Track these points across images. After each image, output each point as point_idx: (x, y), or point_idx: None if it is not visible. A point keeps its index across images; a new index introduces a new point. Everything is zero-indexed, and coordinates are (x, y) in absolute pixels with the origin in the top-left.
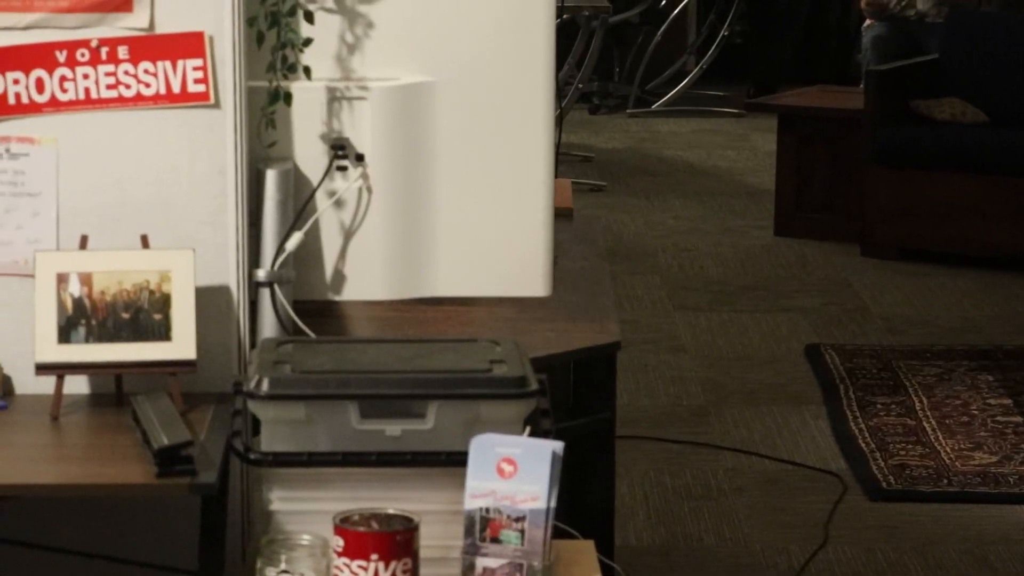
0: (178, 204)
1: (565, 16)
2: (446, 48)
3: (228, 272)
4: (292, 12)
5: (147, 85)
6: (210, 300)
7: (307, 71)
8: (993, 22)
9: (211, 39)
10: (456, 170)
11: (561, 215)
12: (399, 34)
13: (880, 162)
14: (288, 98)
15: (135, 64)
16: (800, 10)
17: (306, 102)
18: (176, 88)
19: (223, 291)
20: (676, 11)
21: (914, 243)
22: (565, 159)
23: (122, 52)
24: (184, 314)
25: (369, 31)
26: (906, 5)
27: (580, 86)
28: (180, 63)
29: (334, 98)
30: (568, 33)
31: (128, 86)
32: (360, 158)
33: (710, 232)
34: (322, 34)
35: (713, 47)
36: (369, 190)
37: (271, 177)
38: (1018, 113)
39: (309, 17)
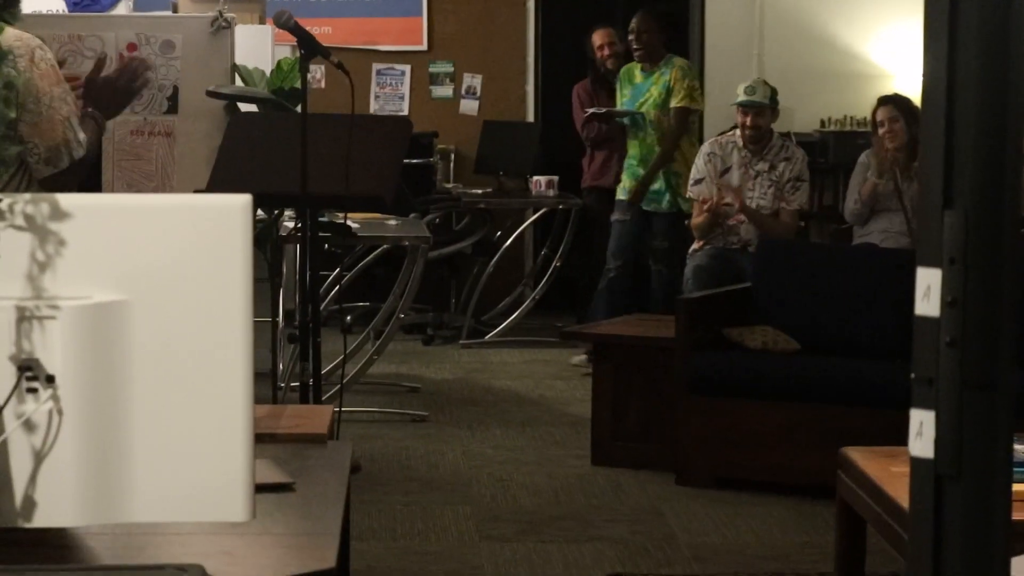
0: None
1: (387, 245)
2: (140, 267)
3: None
4: None
5: None
6: None
7: None
8: (803, 251)
9: None
10: (152, 392)
11: (314, 441)
12: (91, 252)
13: (693, 391)
14: None
15: None
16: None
17: None
18: None
19: None
20: (508, 242)
21: (728, 471)
22: (392, 390)
23: None
24: None
25: (60, 249)
26: (729, 232)
27: (401, 316)
28: None
29: (23, 317)
30: (394, 263)
31: None
32: (50, 379)
33: (527, 462)
34: (10, 252)
35: (545, 278)
36: (60, 412)
37: None
38: (829, 341)
39: None
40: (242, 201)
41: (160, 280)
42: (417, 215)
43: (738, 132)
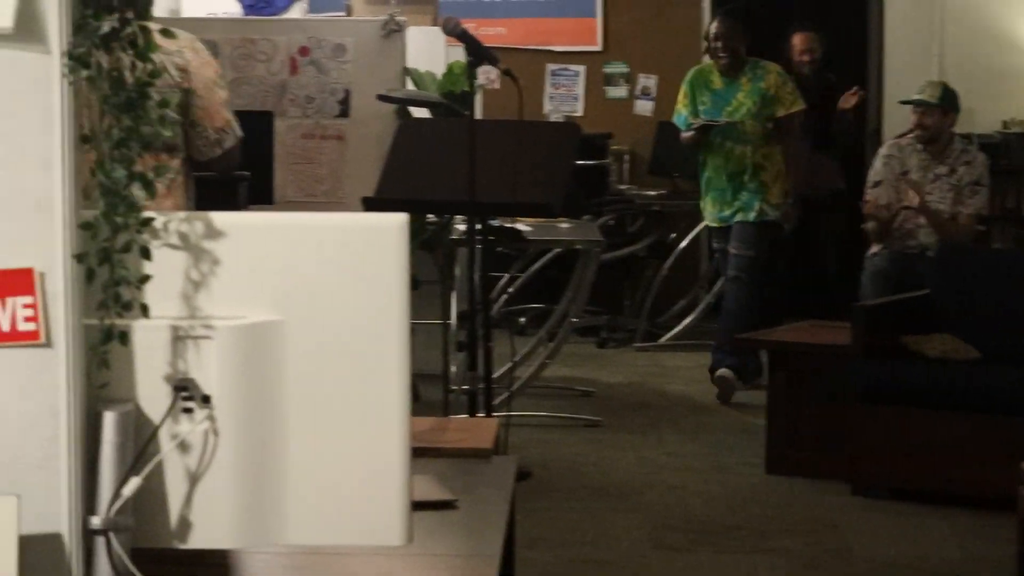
0: (7, 448)
1: (559, 249)
2: (296, 286)
3: (60, 520)
4: (127, 248)
5: None
6: (40, 549)
7: (144, 309)
8: (984, 257)
9: (42, 276)
10: (307, 412)
11: (478, 455)
12: (247, 271)
13: (869, 400)
14: (123, 337)
15: None
16: (791, 245)
17: (147, 341)
18: (5, 327)
19: (55, 539)
20: (683, 244)
21: (904, 482)
22: (565, 394)
23: None
24: (6, 565)
25: (215, 268)
26: (907, 235)
27: (573, 319)
28: (9, 301)
29: (178, 337)
30: (567, 264)
31: None
32: (206, 399)
33: (701, 469)
34: (164, 271)
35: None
36: (216, 432)
37: (109, 419)
38: (1010, 351)
39: (146, 253)
40: (398, 221)
41: (315, 300)
42: (590, 217)
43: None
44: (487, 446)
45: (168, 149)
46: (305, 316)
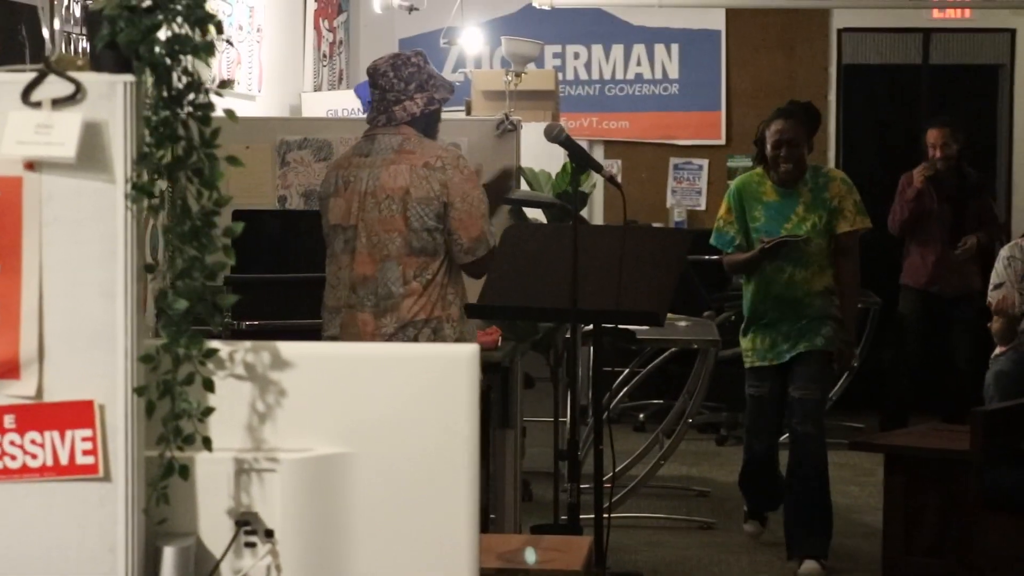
0: None
1: (674, 348)
2: (364, 418)
3: None
4: (189, 380)
5: (33, 456)
6: None
7: (207, 443)
8: None
9: (101, 408)
10: (374, 546)
11: None
12: (313, 403)
13: (989, 507)
14: (184, 471)
15: (21, 434)
16: (918, 341)
17: (209, 474)
18: (64, 460)
19: None
20: None
21: None
22: (681, 494)
23: (8, 421)
24: None
25: (280, 399)
26: None
27: (690, 420)
28: (68, 433)
29: (241, 470)
30: (688, 359)
31: (14, 457)
32: (269, 534)
33: None
34: (228, 402)
35: (843, 379)
36: (279, 568)
37: (168, 555)
38: None
39: (209, 386)
40: (469, 352)
41: (385, 431)
42: (711, 313)
43: None
44: (577, 567)
45: (429, 253)
46: (374, 448)
